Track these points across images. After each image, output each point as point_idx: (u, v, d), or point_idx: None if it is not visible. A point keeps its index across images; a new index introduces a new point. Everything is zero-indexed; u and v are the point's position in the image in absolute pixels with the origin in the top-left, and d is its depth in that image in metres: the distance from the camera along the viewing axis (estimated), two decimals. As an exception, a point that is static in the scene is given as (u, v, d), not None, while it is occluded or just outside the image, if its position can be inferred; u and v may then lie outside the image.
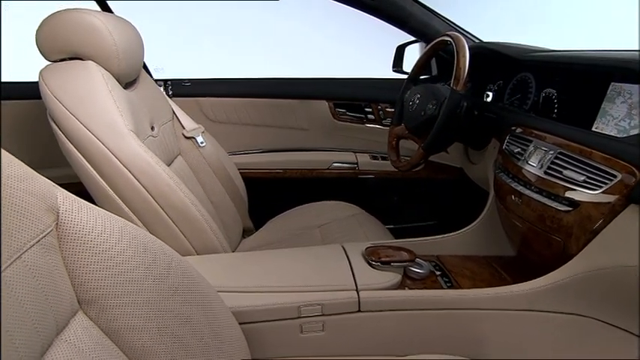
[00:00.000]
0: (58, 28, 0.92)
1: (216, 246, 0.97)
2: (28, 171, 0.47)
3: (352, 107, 1.62)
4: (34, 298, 0.43)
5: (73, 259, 0.50)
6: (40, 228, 0.46)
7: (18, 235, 0.43)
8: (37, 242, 0.45)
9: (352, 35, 2.28)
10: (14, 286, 0.41)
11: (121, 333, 0.52)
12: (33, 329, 0.42)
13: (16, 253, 0.42)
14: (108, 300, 0.51)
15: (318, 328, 0.77)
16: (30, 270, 0.44)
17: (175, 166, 1.17)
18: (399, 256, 0.84)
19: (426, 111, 1.03)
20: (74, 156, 0.88)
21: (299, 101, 1.59)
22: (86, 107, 0.87)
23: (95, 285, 0.51)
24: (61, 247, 0.49)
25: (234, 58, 2.29)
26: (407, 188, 1.63)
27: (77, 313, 0.50)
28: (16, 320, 0.41)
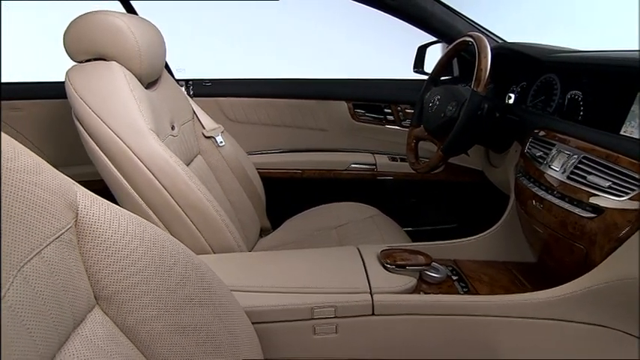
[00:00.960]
0: (84, 30, 0.94)
1: (233, 245, 0.97)
2: (40, 165, 0.48)
3: (371, 108, 1.61)
4: (53, 293, 0.45)
5: (90, 255, 0.51)
6: (60, 225, 0.48)
7: (38, 230, 0.44)
8: (57, 238, 0.46)
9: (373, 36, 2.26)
10: (33, 280, 0.43)
11: (135, 329, 0.53)
12: (51, 323, 0.44)
13: (36, 249, 0.44)
14: (123, 296, 0.53)
15: (331, 330, 0.76)
16: (49, 265, 0.45)
17: (195, 166, 1.18)
18: (414, 259, 0.83)
19: (446, 112, 1.02)
20: (97, 155, 0.91)
21: (318, 102, 1.59)
22: (108, 107, 0.89)
23: (111, 281, 0.52)
24: (79, 244, 0.51)
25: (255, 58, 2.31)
26: (426, 190, 1.61)
27: (94, 309, 0.51)
28: (35, 314, 0.42)
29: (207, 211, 0.93)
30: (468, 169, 1.52)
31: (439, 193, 1.61)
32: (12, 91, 1.43)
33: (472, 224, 1.12)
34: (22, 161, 0.45)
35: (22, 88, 1.44)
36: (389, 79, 1.64)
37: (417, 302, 0.77)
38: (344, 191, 1.55)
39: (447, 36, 1.35)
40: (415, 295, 0.80)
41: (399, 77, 1.62)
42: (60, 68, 0.99)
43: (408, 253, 0.85)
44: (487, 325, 0.77)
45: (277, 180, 1.57)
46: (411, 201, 1.63)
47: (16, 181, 0.43)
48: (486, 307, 0.78)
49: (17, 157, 0.45)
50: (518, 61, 1.15)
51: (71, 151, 1.17)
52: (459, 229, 1.55)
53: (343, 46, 2.43)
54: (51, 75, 1.36)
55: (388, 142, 1.61)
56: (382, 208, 1.42)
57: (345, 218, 1.35)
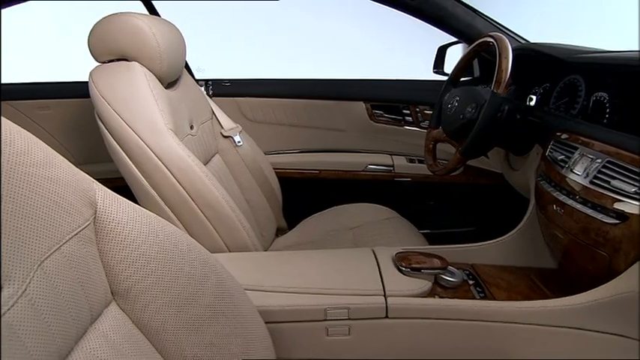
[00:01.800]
0: (107, 31, 0.97)
1: (248, 244, 0.98)
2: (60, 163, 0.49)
3: (390, 109, 1.60)
4: (71, 288, 0.46)
5: (108, 252, 0.52)
6: (79, 221, 0.49)
7: (58, 227, 0.46)
8: (76, 235, 0.48)
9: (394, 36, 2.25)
10: (53, 275, 0.44)
11: (149, 325, 0.54)
12: (69, 317, 0.45)
13: (56, 245, 0.45)
14: (138, 293, 0.54)
15: (344, 332, 0.76)
16: (68, 261, 0.46)
17: (213, 165, 1.20)
18: (430, 263, 0.82)
19: (465, 114, 1.00)
20: (118, 153, 0.93)
21: (336, 102, 1.59)
22: (129, 106, 0.91)
23: (127, 278, 0.53)
24: (97, 240, 0.52)
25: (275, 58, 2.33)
26: (444, 193, 1.59)
27: (110, 304, 0.53)
28: (54, 308, 0.43)
29: (223, 210, 0.94)
30: (487, 172, 1.49)
31: (457, 195, 1.59)
32: (41, 91, 1.48)
33: (490, 228, 1.10)
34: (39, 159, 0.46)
35: (51, 88, 1.49)
36: (408, 80, 1.63)
37: (431, 306, 0.76)
38: (361, 192, 1.55)
39: (467, 36, 1.33)
40: (430, 298, 0.79)
41: (418, 78, 1.61)
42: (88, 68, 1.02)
43: (424, 256, 0.84)
44: (503, 331, 0.75)
45: (294, 180, 1.58)
46: (429, 203, 1.61)
47: (35, 177, 0.44)
48: (503, 313, 0.76)
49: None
50: (540, 62, 1.12)
51: (94, 148, 1.20)
52: (477, 233, 1.52)
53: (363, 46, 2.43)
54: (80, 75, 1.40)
55: (406, 143, 1.59)
56: (399, 209, 1.41)
57: (362, 219, 1.34)
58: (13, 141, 0.43)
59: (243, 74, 1.64)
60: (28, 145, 0.45)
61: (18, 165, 0.43)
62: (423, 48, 1.51)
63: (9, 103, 1.44)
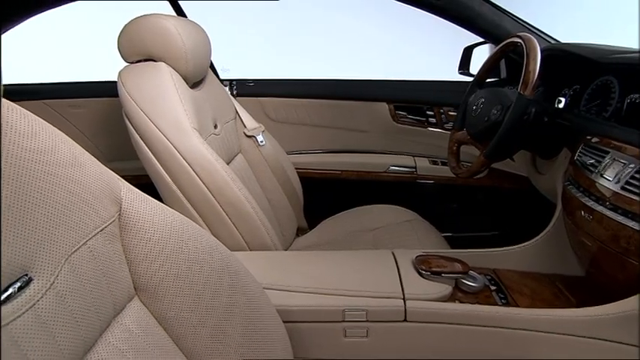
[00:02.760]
0: (136, 32, 0.99)
1: (268, 243, 0.99)
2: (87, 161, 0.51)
3: (413, 110, 1.58)
4: (96, 282, 0.47)
5: (131, 248, 0.54)
6: (105, 217, 0.50)
7: (85, 222, 0.47)
8: (101, 231, 0.49)
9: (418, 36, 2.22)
10: (79, 269, 0.46)
11: (170, 320, 0.56)
12: (93, 311, 0.46)
13: (83, 239, 0.47)
14: (160, 288, 0.55)
15: (362, 334, 0.76)
16: (94, 256, 0.48)
17: (235, 164, 1.21)
18: (451, 267, 0.81)
19: (490, 116, 0.98)
20: (144, 151, 0.95)
21: (359, 103, 1.58)
22: (155, 105, 0.93)
23: (149, 273, 0.55)
24: (122, 236, 0.53)
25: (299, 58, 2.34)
26: (467, 196, 1.56)
27: (133, 299, 0.54)
28: (80, 301, 0.45)
29: (244, 208, 0.95)
30: (512, 175, 1.46)
31: (481, 198, 1.55)
32: (73, 90, 1.53)
33: (515, 233, 1.08)
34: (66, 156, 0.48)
35: (82, 87, 1.55)
36: (432, 81, 1.61)
37: (451, 311, 0.75)
38: (382, 194, 1.54)
39: (494, 37, 1.30)
40: (450, 303, 0.77)
41: (442, 79, 1.58)
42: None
43: (445, 260, 0.83)
44: (525, 339, 0.74)
45: (316, 180, 1.58)
46: (452, 206, 1.58)
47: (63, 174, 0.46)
48: (526, 320, 0.74)
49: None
50: (571, 63, 1.09)
51: (122, 146, 1.24)
52: (500, 237, 1.49)
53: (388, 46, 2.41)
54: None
55: (429, 144, 1.57)
56: (421, 212, 1.40)
57: (382, 221, 1.33)
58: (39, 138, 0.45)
59: (268, 74, 1.66)
60: (55, 143, 0.47)
61: (45, 163, 0.44)
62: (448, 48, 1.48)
63: (44, 102, 1.50)
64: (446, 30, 1.36)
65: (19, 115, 0.44)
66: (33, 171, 0.42)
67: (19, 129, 0.43)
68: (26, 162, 0.42)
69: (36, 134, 0.45)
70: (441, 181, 1.55)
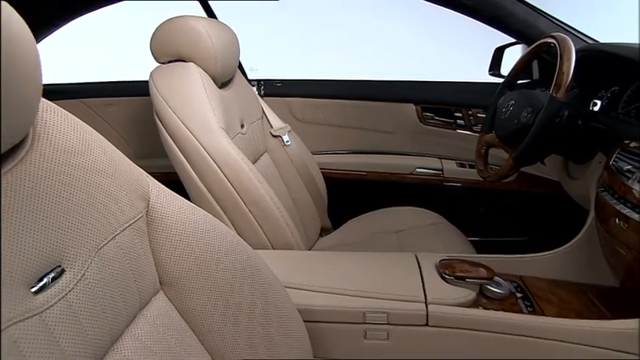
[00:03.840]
0: (167, 33, 1.02)
1: (291, 242, 1.00)
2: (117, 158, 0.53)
3: (441, 111, 1.56)
4: (123, 275, 0.49)
5: (158, 243, 0.56)
6: (133, 213, 0.52)
7: (114, 218, 0.49)
8: (130, 226, 0.51)
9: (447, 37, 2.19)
10: (108, 262, 0.47)
11: (192, 315, 0.57)
12: (120, 303, 0.48)
13: (112, 234, 0.49)
14: (184, 283, 0.57)
15: (383, 337, 0.75)
16: (122, 250, 0.50)
17: (261, 163, 1.23)
18: (475, 272, 0.79)
19: (520, 119, 0.95)
20: (172, 150, 0.98)
21: (385, 103, 1.57)
22: (184, 105, 0.96)
23: (174, 269, 0.56)
24: (149, 232, 0.55)
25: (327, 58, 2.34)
26: (495, 200, 1.52)
27: (158, 293, 0.56)
28: (107, 293, 0.46)
29: (268, 208, 0.97)
30: (543, 180, 1.41)
31: (510, 203, 1.51)
32: (108, 90, 1.59)
33: (544, 239, 1.05)
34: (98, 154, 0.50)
35: (117, 87, 1.60)
36: (461, 82, 1.58)
37: (474, 317, 0.74)
38: (407, 196, 1.52)
39: (528, 37, 1.26)
40: (473, 309, 0.76)
41: (471, 80, 1.55)
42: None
43: (469, 265, 0.81)
44: (553, 350, 0.71)
45: (341, 181, 1.58)
46: (479, 210, 1.55)
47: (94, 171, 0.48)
48: (553, 330, 0.72)
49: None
50: (609, 64, 1.04)
51: (153, 144, 1.27)
52: (528, 244, 1.45)
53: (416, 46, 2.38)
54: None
55: (457, 147, 1.54)
56: (447, 215, 1.37)
57: (407, 223, 1.32)
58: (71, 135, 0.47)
59: (295, 74, 1.67)
60: (87, 141, 0.49)
61: (78, 159, 0.46)
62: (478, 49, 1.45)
63: (82, 101, 1.57)
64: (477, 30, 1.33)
65: (53, 114, 0.46)
66: (66, 167, 0.45)
67: (53, 127, 0.45)
68: (59, 159, 0.44)
69: (68, 132, 0.47)
70: (469, 184, 1.51)
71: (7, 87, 0.36)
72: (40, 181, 0.42)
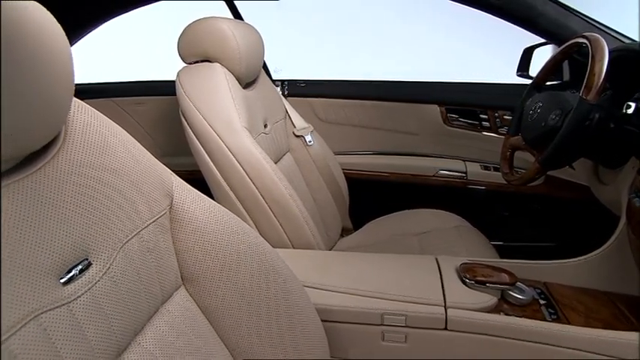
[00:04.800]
0: (194, 35, 1.05)
1: (311, 242, 1.01)
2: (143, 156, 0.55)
3: (466, 113, 1.53)
4: (147, 270, 0.51)
5: (180, 239, 0.57)
6: (157, 210, 0.54)
7: (139, 214, 0.51)
8: (153, 222, 0.53)
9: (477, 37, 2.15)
10: (132, 257, 0.49)
11: (212, 311, 0.59)
12: (143, 296, 0.50)
13: (136, 230, 0.50)
14: (204, 280, 0.58)
15: (401, 339, 0.75)
16: (146, 245, 0.51)
17: (283, 163, 1.24)
18: (497, 277, 0.78)
19: (547, 121, 0.93)
20: (197, 148, 1.00)
21: (409, 105, 1.56)
22: (209, 105, 0.98)
23: (196, 265, 0.58)
24: (171, 228, 0.57)
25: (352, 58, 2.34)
26: (521, 203, 1.48)
27: (180, 288, 0.58)
28: (131, 287, 0.48)
29: (289, 207, 0.98)
30: (572, 184, 1.37)
31: (536, 207, 1.47)
32: (137, 89, 1.64)
33: (571, 245, 1.01)
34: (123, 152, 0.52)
35: (145, 86, 1.65)
36: (487, 83, 1.55)
37: (495, 323, 0.72)
38: (430, 198, 1.50)
39: (559, 37, 1.22)
40: (494, 314, 0.74)
41: (498, 81, 1.52)
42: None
43: (491, 270, 0.80)
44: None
45: (363, 181, 1.58)
46: (503, 214, 1.51)
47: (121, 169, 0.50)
48: (578, 339, 0.70)
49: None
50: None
51: (179, 142, 1.31)
52: (554, 249, 1.40)
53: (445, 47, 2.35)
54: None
55: (481, 149, 1.51)
56: (470, 218, 1.35)
57: (429, 226, 1.30)
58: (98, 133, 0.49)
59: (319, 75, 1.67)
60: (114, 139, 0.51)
61: (106, 156, 0.48)
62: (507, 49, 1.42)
63: (113, 100, 1.62)
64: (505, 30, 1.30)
65: (83, 113, 0.48)
66: (94, 164, 0.46)
67: (83, 125, 0.47)
68: (88, 156, 0.46)
69: (96, 131, 0.49)
70: (493, 187, 1.48)
71: (40, 87, 0.38)
72: (70, 178, 0.44)
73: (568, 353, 0.69)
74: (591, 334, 0.70)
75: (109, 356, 0.44)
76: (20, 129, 0.37)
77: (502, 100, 1.47)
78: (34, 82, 0.38)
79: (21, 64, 0.36)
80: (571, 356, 0.69)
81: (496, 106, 1.48)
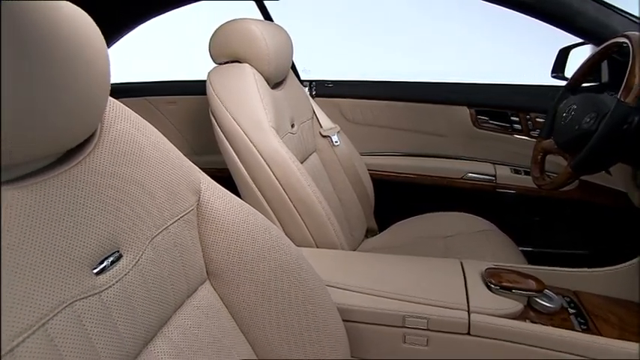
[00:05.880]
0: (225, 36, 1.07)
1: (335, 242, 1.01)
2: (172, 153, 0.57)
3: (496, 115, 1.49)
4: (173, 264, 0.53)
5: (206, 235, 0.59)
6: (185, 206, 0.56)
7: (168, 209, 0.53)
8: (181, 218, 0.55)
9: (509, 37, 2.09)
10: (160, 251, 0.51)
11: (236, 306, 0.60)
12: (170, 289, 0.52)
13: (165, 224, 0.52)
14: (229, 275, 0.59)
15: (422, 342, 0.74)
16: (173, 240, 0.53)
17: (309, 162, 1.25)
18: (524, 283, 0.76)
19: (582, 124, 0.90)
20: (225, 147, 1.03)
21: (437, 106, 1.53)
22: (237, 104, 1.00)
23: (221, 261, 0.59)
24: (198, 224, 0.59)
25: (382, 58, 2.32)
26: (552, 209, 1.44)
27: (205, 283, 0.59)
28: (158, 280, 0.50)
29: (314, 206, 0.98)
30: (608, 190, 1.31)
31: (569, 213, 1.42)
32: (170, 88, 1.69)
33: (605, 253, 0.98)
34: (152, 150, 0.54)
35: (177, 86, 1.70)
36: (519, 85, 1.51)
37: (520, 330, 0.70)
38: (457, 201, 1.48)
39: (597, 37, 1.17)
40: (520, 321, 0.73)
41: (531, 83, 1.48)
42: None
43: (517, 275, 0.78)
44: None
45: (389, 183, 1.57)
46: (533, 219, 1.47)
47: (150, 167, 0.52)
48: (610, 351, 0.67)
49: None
50: None
51: (207, 141, 1.34)
52: (587, 257, 1.35)
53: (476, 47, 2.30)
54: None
55: (512, 152, 1.48)
56: (498, 223, 1.32)
57: (455, 229, 1.28)
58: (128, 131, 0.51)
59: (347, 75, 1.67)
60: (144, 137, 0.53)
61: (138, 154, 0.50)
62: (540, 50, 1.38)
63: (147, 99, 1.68)
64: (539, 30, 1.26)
65: (117, 111, 0.51)
66: (126, 162, 0.49)
67: (116, 124, 0.50)
68: (121, 154, 0.48)
69: (129, 129, 0.51)
70: (523, 191, 1.44)
71: (78, 87, 0.40)
72: (104, 174, 0.46)
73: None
74: (624, 347, 0.67)
75: (136, 345, 0.46)
76: (60, 127, 0.39)
77: (535, 102, 1.42)
78: (73, 82, 0.40)
79: (61, 63, 0.38)
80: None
81: (528, 108, 1.44)
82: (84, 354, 0.39)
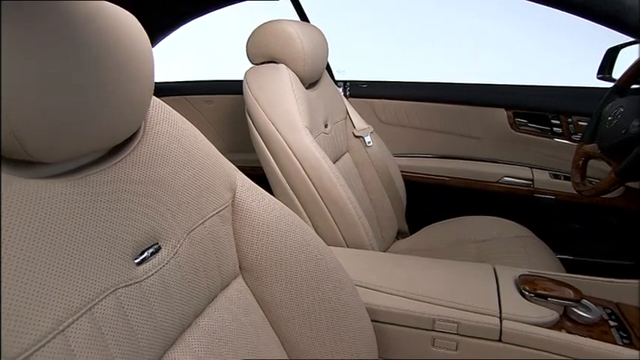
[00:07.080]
0: (262, 37, 1.10)
1: (365, 242, 1.01)
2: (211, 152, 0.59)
3: (536, 118, 1.45)
4: (208, 257, 0.55)
5: (240, 231, 0.61)
6: (221, 202, 0.58)
7: (204, 205, 0.55)
8: (217, 213, 0.57)
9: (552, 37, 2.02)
10: (197, 244, 0.53)
11: (267, 302, 0.62)
12: (204, 281, 0.54)
13: (202, 219, 0.54)
14: (260, 270, 0.61)
15: (452, 347, 0.73)
16: (209, 234, 0.55)
17: (342, 162, 1.26)
18: (559, 291, 0.73)
19: (629, 129, 0.86)
20: (260, 146, 1.05)
21: (473, 108, 1.50)
22: (272, 104, 1.02)
23: (253, 256, 0.61)
24: (233, 220, 0.61)
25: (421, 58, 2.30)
26: (594, 216, 1.38)
27: (237, 277, 0.61)
28: (194, 272, 0.52)
29: (345, 206, 0.99)
30: None
31: (612, 221, 1.36)
32: (207, 87, 1.74)
33: None
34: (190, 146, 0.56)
35: (215, 85, 1.75)
36: (561, 87, 1.45)
37: (556, 340, 0.68)
38: (492, 205, 1.44)
39: (650, 35, 1.12)
40: (555, 331, 0.70)
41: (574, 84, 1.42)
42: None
43: (553, 283, 0.75)
44: None
45: (422, 185, 1.55)
46: (573, 226, 1.41)
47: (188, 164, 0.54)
48: None
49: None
50: None
51: (243, 140, 1.37)
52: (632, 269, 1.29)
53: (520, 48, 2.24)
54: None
55: (551, 156, 1.42)
56: (535, 229, 1.28)
57: (489, 234, 1.25)
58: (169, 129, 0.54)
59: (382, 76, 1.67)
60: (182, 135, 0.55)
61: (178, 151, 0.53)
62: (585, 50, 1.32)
63: (185, 98, 1.74)
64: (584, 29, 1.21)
65: (160, 109, 0.53)
66: (167, 158, 0.51)
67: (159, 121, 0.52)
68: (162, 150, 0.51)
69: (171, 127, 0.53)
70: (562, 197, 1.39)
71: (125, 87, 0.43)
72: (147, 169, 0.48)
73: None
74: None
75: (172, 334, 0.48)
76: (107, 126, 0.42)
77: (577, 104, 1.37)
78: (122, 84, 0.42)
79: (111, 66, 0.41)
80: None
81: (570, 111, 1.38)
82: (125, 339, 0.42)
